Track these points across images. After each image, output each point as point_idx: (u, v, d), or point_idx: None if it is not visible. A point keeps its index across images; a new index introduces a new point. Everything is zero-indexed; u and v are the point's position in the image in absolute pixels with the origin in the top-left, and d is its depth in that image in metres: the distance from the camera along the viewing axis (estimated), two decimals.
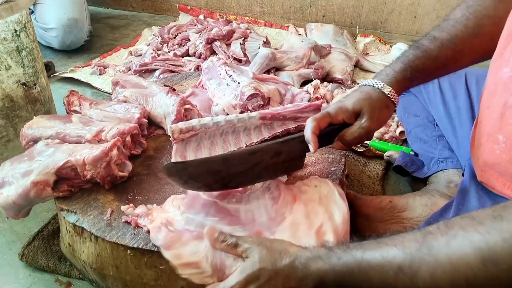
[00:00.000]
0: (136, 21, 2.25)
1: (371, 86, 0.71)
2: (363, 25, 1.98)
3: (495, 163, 0.62)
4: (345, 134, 0.70)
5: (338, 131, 0.71)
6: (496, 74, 0.64)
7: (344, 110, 0.70)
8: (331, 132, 0.71)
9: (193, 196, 0.71)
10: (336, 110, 0.70)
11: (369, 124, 0.69)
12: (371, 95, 0.71)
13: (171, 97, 0.91)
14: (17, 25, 1.01)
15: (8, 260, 0.89)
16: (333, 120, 0.70)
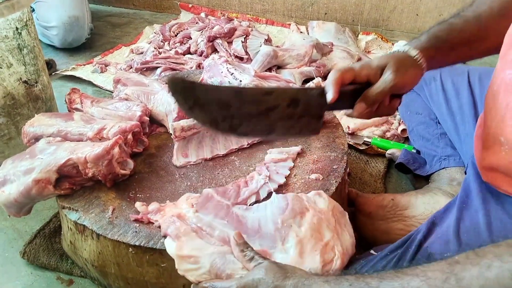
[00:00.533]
0: (138, 19, 2.25)
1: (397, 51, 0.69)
2: (365, 23, 1.98)
3: (500, 164, 0.62)
4: (369, 91, 0.65)
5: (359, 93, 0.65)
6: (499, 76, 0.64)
7: (369, 65, 0.66)
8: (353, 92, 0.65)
9: (207, 197, 0.70)
10: (361, 65, 0.66)
11: (394, 78, 0.64)
12: (398, 54, 0.68)
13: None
14: (19, 23, 1.01)
15: (10, 258, 0.90)
16: (357, 76, 0.65)
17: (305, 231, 0.62)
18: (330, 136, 0.88)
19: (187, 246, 0.62)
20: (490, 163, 0.64)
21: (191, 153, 0.85)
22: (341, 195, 0.80)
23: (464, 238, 0.60)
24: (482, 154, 0.68)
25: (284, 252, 0.61)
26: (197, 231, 0.65)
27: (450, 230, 0.62)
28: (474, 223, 0.61)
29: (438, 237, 0.63)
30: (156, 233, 0.67)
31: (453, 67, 1.14)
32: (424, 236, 0.64)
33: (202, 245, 0.63)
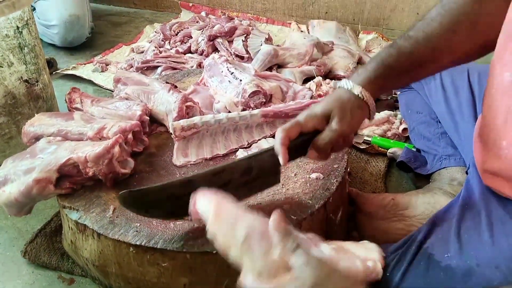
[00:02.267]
0: (138, 18, 2.25)
1: (342, 87, 0.67)
2: (365, 22, 1.97)
3: (501, 168, 0.62)
4: (317, 140, 0.65)
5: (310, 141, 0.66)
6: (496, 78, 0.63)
7: (313, 116, 0.66)
8: (303, 142, 0.66)
9: None
10: (305, 117, 0.66)
11: (339, 126, 0.64)
12: (342, 96, 0.66)
13: (173, 94, 0.91)
14: (19, 22, 1.01)
15: (11, 257, 0.90)
16: (304, 128, 0.65)
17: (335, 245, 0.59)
18: None
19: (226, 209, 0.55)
20: (491, 167, 0.64)
21: (191, 152, 0.86)
22: (341, 194, 0.80)
23: (465, 239, 0.60)
24: (482, 157, 0.67)
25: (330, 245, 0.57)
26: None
27: (451, 230, 0.62)
28: (475, 223, 0.61)
29: (439, 237, 0.63)
30: (156, 233, 0.67)
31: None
32: (424, 236, 0.64)
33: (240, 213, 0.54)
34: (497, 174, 0.63)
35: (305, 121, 0.66)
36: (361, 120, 0.68)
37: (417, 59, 0.68)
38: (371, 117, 0.69)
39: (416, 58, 0.67)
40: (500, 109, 0.61)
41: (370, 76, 0.67)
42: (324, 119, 0.66)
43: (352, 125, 0.66)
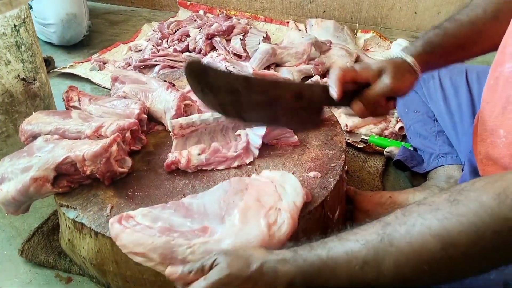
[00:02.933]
0: (136, 17, 2.24)
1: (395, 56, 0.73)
2: (363, 21, 1.98)
3: (498, 157, 0.63)
4: (367, 91, 0.70)
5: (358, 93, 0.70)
6: (496, 69, 0.64)
7: (368, 68, 0.70)
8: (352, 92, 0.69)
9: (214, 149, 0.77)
10: (361, 67, 0.71)
11: (391, 82, 0.69)
12: (395, 60, 0.72)
13: (171, 92, 0.91)
14: (17, 20, 1.00)
15: (8, 256, 0.90)
16: (357, 77, 0.70)
17: (245, 203, 0.65)
18: (328, 134, 0.88)
19: (129, 244, 0.61)
20: (487, 155, 0.65)
21: None
22: (339, 192, 0.80)
23: None
24: (480, 147, 0.68)
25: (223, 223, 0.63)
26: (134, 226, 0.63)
27: None
28: None
29: None
30: None
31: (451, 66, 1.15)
32: None
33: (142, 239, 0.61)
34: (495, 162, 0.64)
35: (360, 70, 0.70)
36: (410, 85, 0.72)
37: (460, 41, 0.73)
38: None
39: (459, 40, 0.73)
40: (500, 99, 0.62)
41: (419, 51, 0.73)
42: (378, 74, 0.70)
43: (400, 85, 0.71)
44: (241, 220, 0.63)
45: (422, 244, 0.45)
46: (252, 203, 0.65)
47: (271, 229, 0.62)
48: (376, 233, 0.48)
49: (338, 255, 0.49)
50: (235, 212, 0.64)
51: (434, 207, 0.46)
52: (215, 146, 0.82)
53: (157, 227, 0.63)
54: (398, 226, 0.47)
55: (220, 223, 0.63)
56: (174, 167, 0.80)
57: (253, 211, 0.64)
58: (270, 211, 0.64)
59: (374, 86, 0.70)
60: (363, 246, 0.48)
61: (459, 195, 0.45)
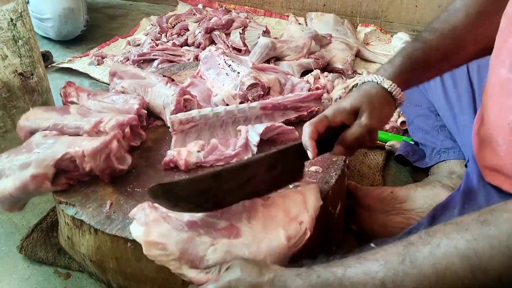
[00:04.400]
0: (134, 11, 2.23)
1: (370, 81, 0.66)
2: (364, 15, 1.96)
3: (500, 165, 0.61)
4: (345, 136, 0.64)
5: (337, 136, 0.65)
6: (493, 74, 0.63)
7: (342, 110, 0.65)
8: (330, 137, 0.65)
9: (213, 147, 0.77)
10: (334, 111, 0.65)
11: (369, 121, 0.63)
12: (370, 91, 0.65)
13: (170, 87, 0.90)
14: (13, 14, 0.99)
15: (6, 252, 0.89)
16: (331, 123, 0.65)
17: (270, 209, 0.65)
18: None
19: (155, 232, 0.61)
20: (491, 163, 0.64)
21: None
22: (340, 187, 0.80)
23: None
24: (481, 153, 0.67)
25: (249, 227, 0.63)
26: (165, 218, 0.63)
27: None
28: None
29: None
30: None
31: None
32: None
33: (169, 231, 0.61)
34: (496, 170, 0.63)
35: (333, 116, 0.65)
36: (390, 115, 0.67)
37: (442, 53, 0.67)
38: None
39: (442, 51, 0.67)
40: (496, 106, 0.61)
41: (397, 70, 0.66)
42: (352, 113, 0.65)
43: (381, 120, 0.66)
44: (264, 227, 0.62)
45: (447, 266, 0.42)
46: (277, 211, 0.64)
47: (290, 241, 0.61)
48: (397, 253, 0.45)
49: (355, 274, 0.47)
50: (259, 217, 0.64)
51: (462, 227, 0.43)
52: (214, 143, 0.81)
53: (185, 221, 0.62)
54: (422, 247, 0.44)
55: (243, 224, 0.63)
56: (172, 165, 0.80)
57: (277, 220, 0.63)
58: (293, 223, 0.63)
59: (351, 129, 0.64)
60: (382, 267, 0.45)
61: (490, 216, 0.42)
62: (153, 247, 0.60)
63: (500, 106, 0.59)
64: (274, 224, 0.63)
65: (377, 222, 0.88)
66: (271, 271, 0.53)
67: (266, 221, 0.63)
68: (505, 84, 0.59)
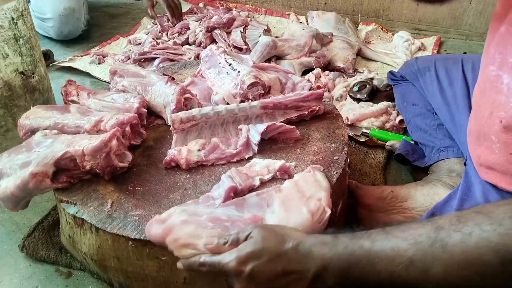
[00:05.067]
0: (135, 10, 2.23)
1: None
2: (365, 13, 1.96)
3: (495, 162, 0.62)
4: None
5: None
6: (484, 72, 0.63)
7: None
8: None
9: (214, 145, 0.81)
10: None
11: None
12: None
13: (171, 86, 0.90)
14: (14, 12, 0.99)
15: (8, 250, 0.89)
16: None
17: (286, 193, 0.67)
18: (330, 127, 0.88)
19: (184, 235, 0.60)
20: (486, 161, 0.64)
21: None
22: (341, 186, 0.80)
23: None
24: (476, 151, 0.67)
25: (271, 213, 0.64)
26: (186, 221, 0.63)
27: None
28: None
29: None
30: None
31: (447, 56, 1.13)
32: None
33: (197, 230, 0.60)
34: (492, 168, 0.63)
35: None
36: None
37: None
38: None
39: None
40: (487, 103, 0.61)
41: None
42: None
43: None
44: (284, 209, 0.64)
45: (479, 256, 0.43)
46: (292, 193, 0.66)
47: (314, 217, 0.63)
48: (426, 235, 0.46)
49: (383, 249, 0.47)
50: (275, 202, 0.65)
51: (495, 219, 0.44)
52: (215, 142, 0.81)
53: (204, 218, 0.62)
54: (453, 232, 0.45)
55: (266, 213, 0.64)
56: (173, 164, 0.80)
57: (294, 201, 0.65)
58: (311, 200, 0.65)
59: None
60: (412, 246, 0.46)
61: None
62: (183, 248, 0.59)
63: (492, 103, 0.60)
64: (294, 205, 0.64)
65: (377, 221, 0.88)
66: (294, 238, 0.52)
67: (286, 204, 0.65)
68: (495, 81, 0.59)
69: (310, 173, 0.71)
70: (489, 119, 0.61)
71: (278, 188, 0.68)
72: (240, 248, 0.53)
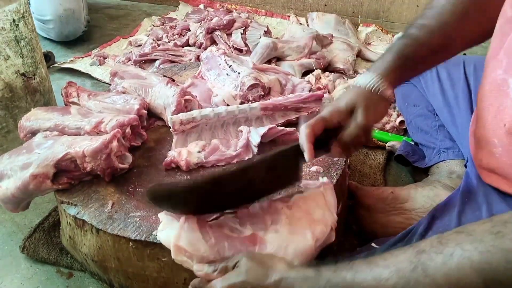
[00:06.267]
0: (136, 11, 2.23)
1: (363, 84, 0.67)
2: (365, 14, 1.96)
3: (497, 166, 0.62)
4: (342, 136, 0.63)
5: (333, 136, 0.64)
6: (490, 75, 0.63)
7: (338, 110, 0.64)
8: (327, 138, 0.64)
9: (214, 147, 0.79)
10: (330, 112, 0.64)
11: (365, 119, 0.62)
12: (363, 91, 0.65)
13: (171, 87, 0.90)
14: (15, 14, 1.00)
15: (9, 251, 0.89)
16: (328, 124, 0.64)
17: (293, 211, 0.64)
18: None
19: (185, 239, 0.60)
20: (487, 164, 0.64)
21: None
22: (341, 187, 0.80)
23: None
24: (478, 154, 0.67)
25: (274, 232, 0.62)
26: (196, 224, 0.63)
27: (452, 224, 0.62)
28: (476, 217, 0.61)
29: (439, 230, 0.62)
30: (156, 227, 0.66)
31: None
32: (425, 229, 0.64)
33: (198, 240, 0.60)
34: (493, 171, 0.63)
35: (330, 116, 0.64)
36: (385, 112, 0.68)
37: (433, 48, 0.69)
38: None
39: (432, 47, 0.69)
40: (492, 106, 0.61)
41: (389, 67, 0.67)
42: (348, 113, 0.64)
43: (376, 117, 0.66)
44: (288, 231, 0.61)
45: (461, 277, 0.41)
46: (301, 214, 0.64)
47: (317, 243, 0.61)
48: (408, 261, 0.45)
49: (365, 280, 0.47)
50: (283, 220, 0.63)
51: (475, 238, 0.42)
52: (215, 144, 0.81)
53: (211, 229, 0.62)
54: (434, 255, 0.44)
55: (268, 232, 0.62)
56: (173, 166, 0.80)
57: (302, 222, 0.63)
58: (319, 225, 0.63)
59: (348, 129, 0.63)
60: (393, 274, 0.45)
61: (504, 227, 0.42)
62: (181, 253, 0.60)
63: (497, 107, 0.60)
64: (300, 227, 0.62)
65: (377, 222, 0.88)
66: (277, 272, 0.53)
67: (291, 224, 0.63)
68: (501, 84, 0.59)
69: (321, 192, 0.68)
70: (492, 122, 0.61)
71: (287, 204, 0.65)
72: (225, 278, 0.55)
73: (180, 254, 0.60)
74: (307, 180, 0.74)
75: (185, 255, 0.60)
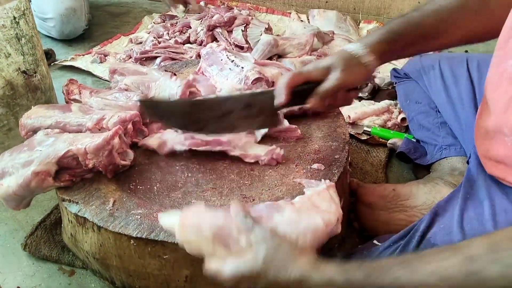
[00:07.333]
0: (137, 8, 2.23)
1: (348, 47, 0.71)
2: (366, 11, 1.95)
3: (506, 155, 0.61)
4: (319, 88, 0.69)
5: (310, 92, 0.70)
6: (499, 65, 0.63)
7: (317, 67, 0.70)
8: (305, 90, 0.70)
9: None
10: (310, 67, 0.71)
11: (342, 76, 0.67)
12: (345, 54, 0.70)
13: (176, 80, 0.90)
14: (16, 12, 0.99)
15: (11, 249, 0.90)
16: (308, 77, 0.70)
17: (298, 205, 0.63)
18: (331, 126, 0.88)
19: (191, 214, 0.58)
20: (495, 154, 0.64)
21: None
22: (343, 185, 0.80)
23: (467, 229, 0.60)
24: (485, 145, 0.67)
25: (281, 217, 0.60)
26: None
27: (454, 221, 0.62)
28: (478, 213, 0.61)
29: (441, 227, 0.63)
30: (157, 225, 0.66)
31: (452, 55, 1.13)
32: (427, 226, 0.64)
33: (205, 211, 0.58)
34: (501, 161, 0.63)
35: (309, 71, 0.70)
36: (362, 77, 0.71)
37: (422, 31, 0.71)
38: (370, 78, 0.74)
39: (421, 30, 0.71)
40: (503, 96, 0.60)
41: (376, 39, 0.70)
42: (327, 70, 0.69)
43: (352, 78, 0.69)
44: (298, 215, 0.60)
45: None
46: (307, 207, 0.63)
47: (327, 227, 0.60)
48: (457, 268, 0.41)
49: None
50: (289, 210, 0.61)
51: None
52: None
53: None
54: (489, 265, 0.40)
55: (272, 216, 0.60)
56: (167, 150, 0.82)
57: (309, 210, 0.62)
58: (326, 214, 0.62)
59: (325, 82, 0.69)
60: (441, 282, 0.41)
61: None
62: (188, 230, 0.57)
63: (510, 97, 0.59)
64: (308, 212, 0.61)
65: (379, 219, 0.88)
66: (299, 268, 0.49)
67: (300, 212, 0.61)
68: None
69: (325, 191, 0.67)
70: (503, 113, 0.61)
71: (290, 202, 0.64)
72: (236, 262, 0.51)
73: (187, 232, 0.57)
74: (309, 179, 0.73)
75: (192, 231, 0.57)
